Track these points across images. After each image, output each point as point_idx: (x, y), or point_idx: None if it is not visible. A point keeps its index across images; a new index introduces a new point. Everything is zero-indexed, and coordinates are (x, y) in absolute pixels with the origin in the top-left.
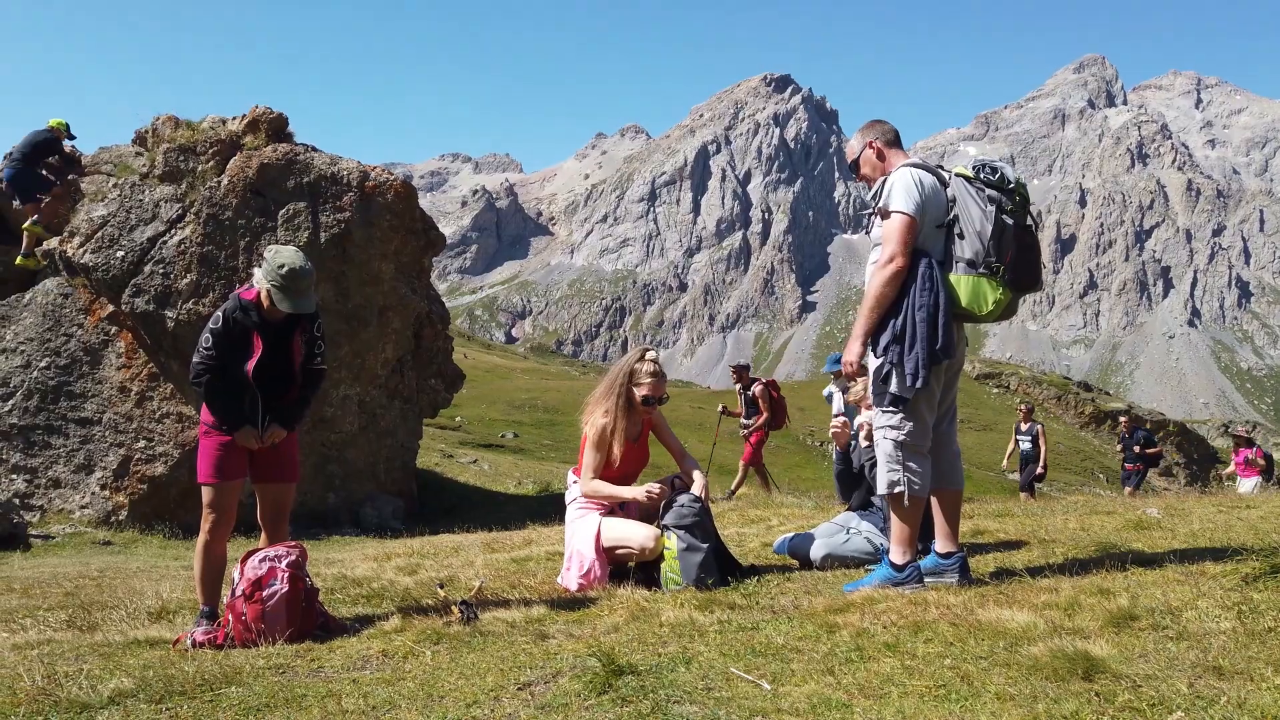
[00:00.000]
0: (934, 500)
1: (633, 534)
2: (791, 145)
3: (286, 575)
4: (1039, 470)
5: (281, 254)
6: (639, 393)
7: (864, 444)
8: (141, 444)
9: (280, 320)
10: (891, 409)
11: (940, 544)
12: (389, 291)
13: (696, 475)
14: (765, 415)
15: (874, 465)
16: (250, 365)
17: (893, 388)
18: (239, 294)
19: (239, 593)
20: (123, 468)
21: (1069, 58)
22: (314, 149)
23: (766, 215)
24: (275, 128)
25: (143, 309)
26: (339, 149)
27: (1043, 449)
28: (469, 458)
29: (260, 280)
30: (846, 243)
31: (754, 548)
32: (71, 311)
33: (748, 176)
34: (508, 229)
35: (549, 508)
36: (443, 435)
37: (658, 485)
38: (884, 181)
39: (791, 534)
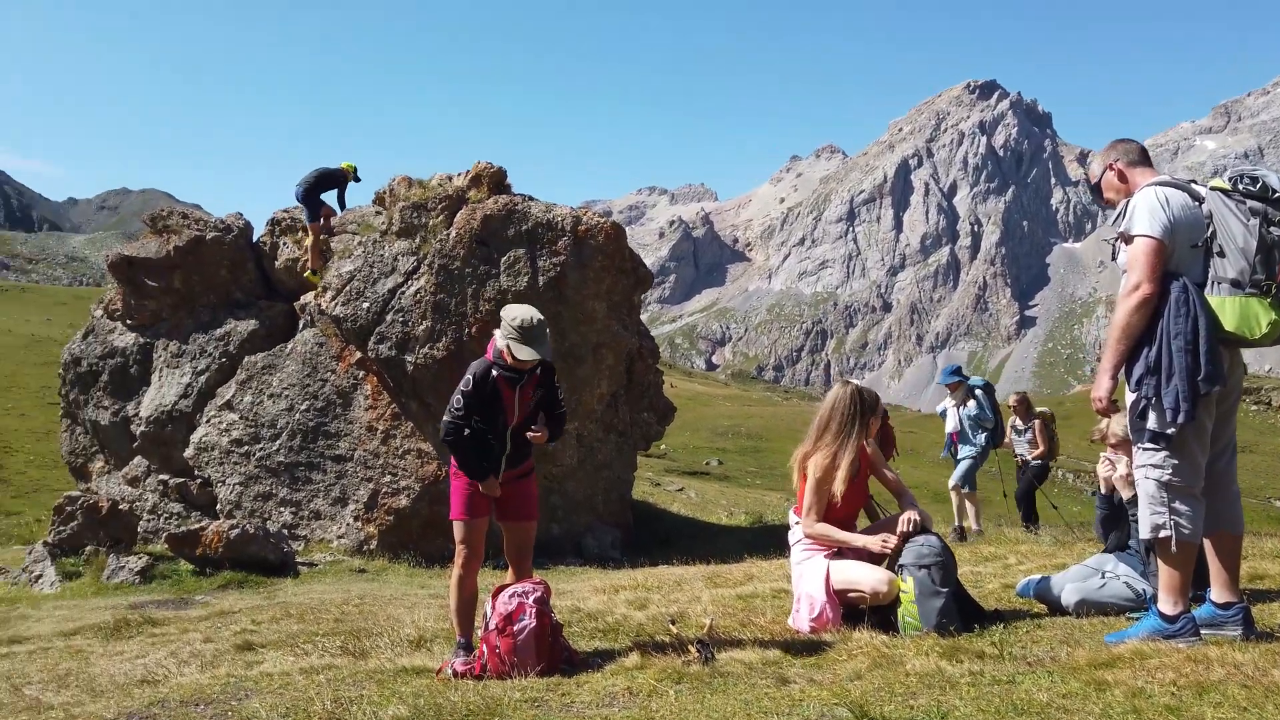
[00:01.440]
0: (1208, 544)
1: (864, 577)
2: (1000, 153)
3: (534, 611)
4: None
5: (514, 310)
6: (878, 416)
7: (1109, 487)
8: (387, 479)
9: (522, 373)
10: (1152, 446)
11: (1218, 593)
12: (602, 329)
13: (903, 520)
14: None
15: (1135, 506)
16: (502, 421)
17: (1151, 424)
18: (483, 359)
19: (492, 626)
20: (372, 500)
21: None
22: (531, 198)
23: (976, 228)
24: (495, 180)
25: (385, 355)
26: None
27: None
28: (676, 485)
29: (499, 339)
30: (1068, 252)
31: (993, 589)
32: (326, 359)
33: (953, 189)
34: (704, 257)
35: (764, 540)
36: (649, 463)
37: (885, 536)
38: (1127, 204)
39: (1037, 576)
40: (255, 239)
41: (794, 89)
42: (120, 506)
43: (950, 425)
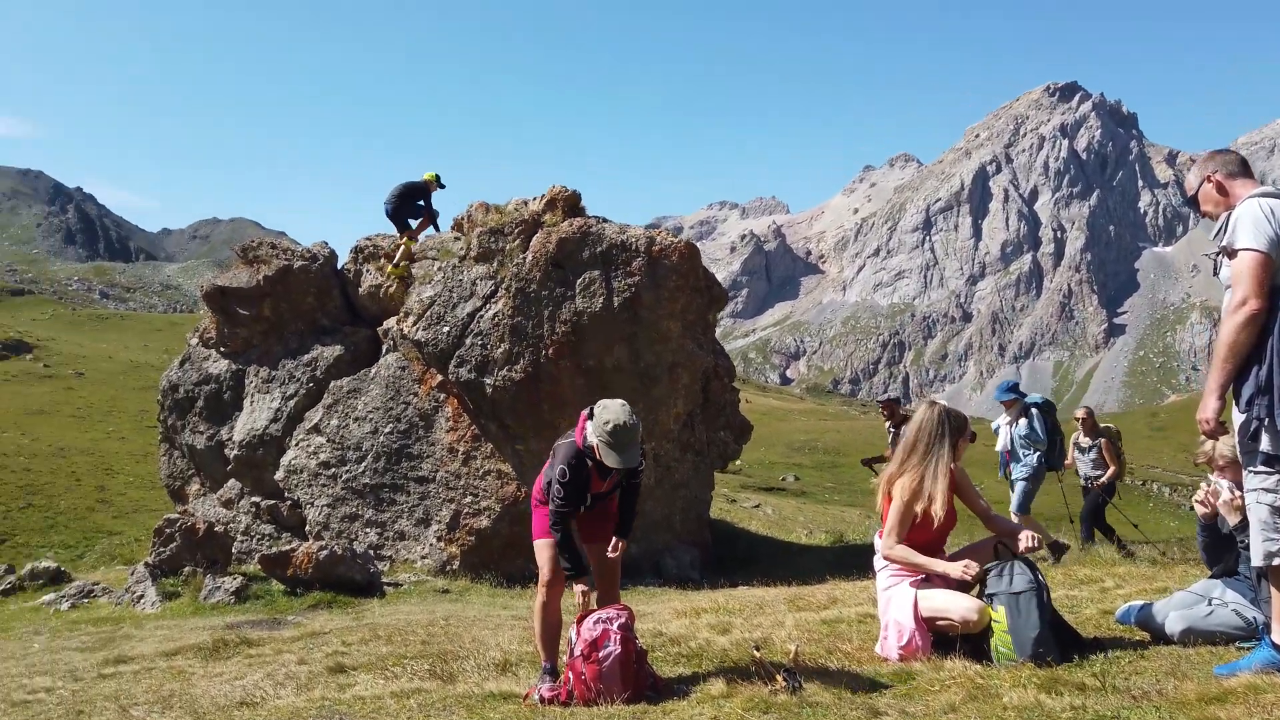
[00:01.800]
0: None
1: (953, 605)
2: (1083, 156)
3: (619, 637)
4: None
5: (609, 410)
6: (966, 437)
7: (1221, 514)
8: (469, 499)
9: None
10: (1265, 469)
11: None
12: (677, 349)
13: (1024, 537)
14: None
15: (1246, 530)
16: (584, 506)
17: (1264, 446)
18: (574, 442)
19: (578, 653)
20: (454, 521)
21: None
22: (605, 220)
23: (1059, 234)
24: (570, 204)
25: (465, 378)
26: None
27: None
28: (752, 501)
29: (591, 435)
30: (1158, 256)
31: (1090, 615)
32: (408, 382)
33: (1034, 194)
34: (777, 270)
35: (847, 561)
36: (724, 479)
37: (967, 562)
38: (1228, 217)
39: (1138, 602)
40: (340, 266)
41: (866, 99)
42: (216, 529)
43: (1001, 443)
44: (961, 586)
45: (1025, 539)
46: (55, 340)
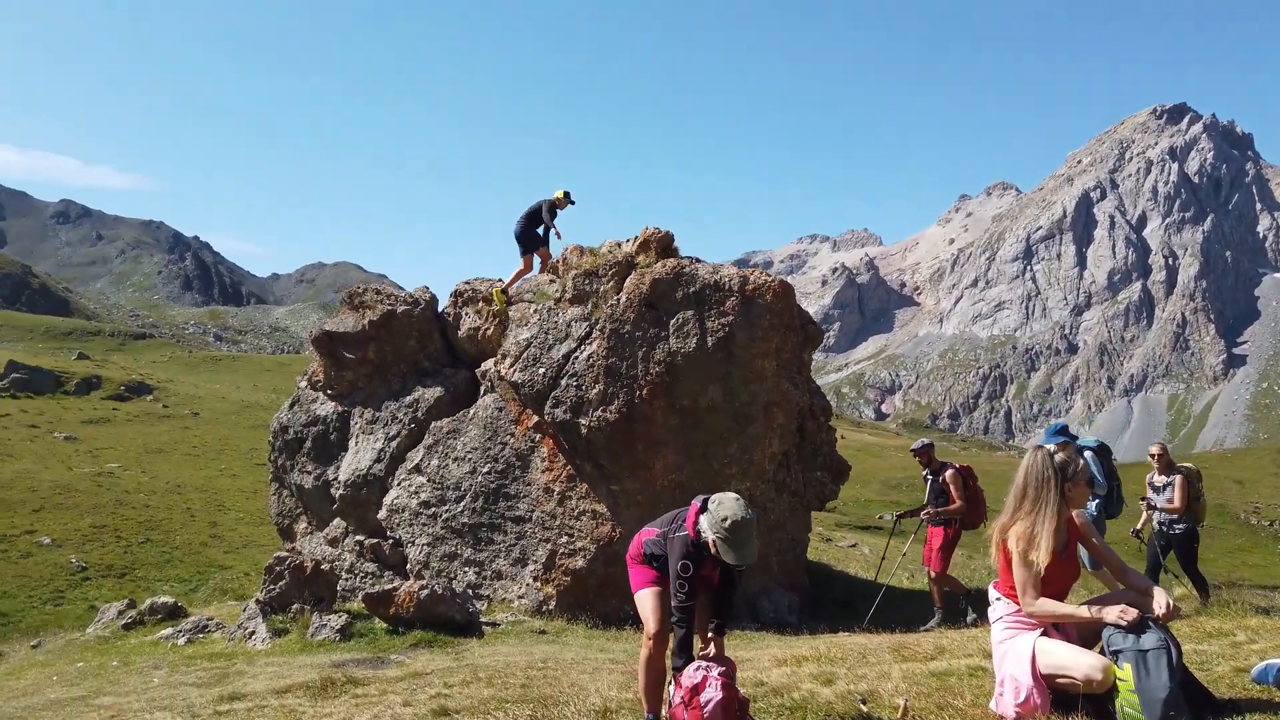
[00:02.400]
0: None
1: (1076, 662)
2: (1195, 180)
3: (720, 684)
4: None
5: (724, 506)
6: (1079, 480)
7: None
8: (564, 539)
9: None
10: None
11: None
12: (772, 388)
13: (1157, 592)
14: (958, 504)
15: None
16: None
17: None
18: (686, 535)
19: (678, 700)
20: (550, 561)
21: None
22: (697, 260)
23: (1170, 260)
24: (663, 245)
25: (561, 418)
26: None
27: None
28: (848, 541)
29: (706, 530)
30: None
31: (1223, 674)
32: (505, 422)
33: (1142, 220)
34: (870, 303)
35: (952, 607)
36: (819, 517)
37: (1124, 607)
38: None
39: (1277, 660)
40: (440, 310)
41: (960, 127)
42: (322, 566)
43: None
44: (1085, 637)
45: (1161, 603)
46: (173, 381)
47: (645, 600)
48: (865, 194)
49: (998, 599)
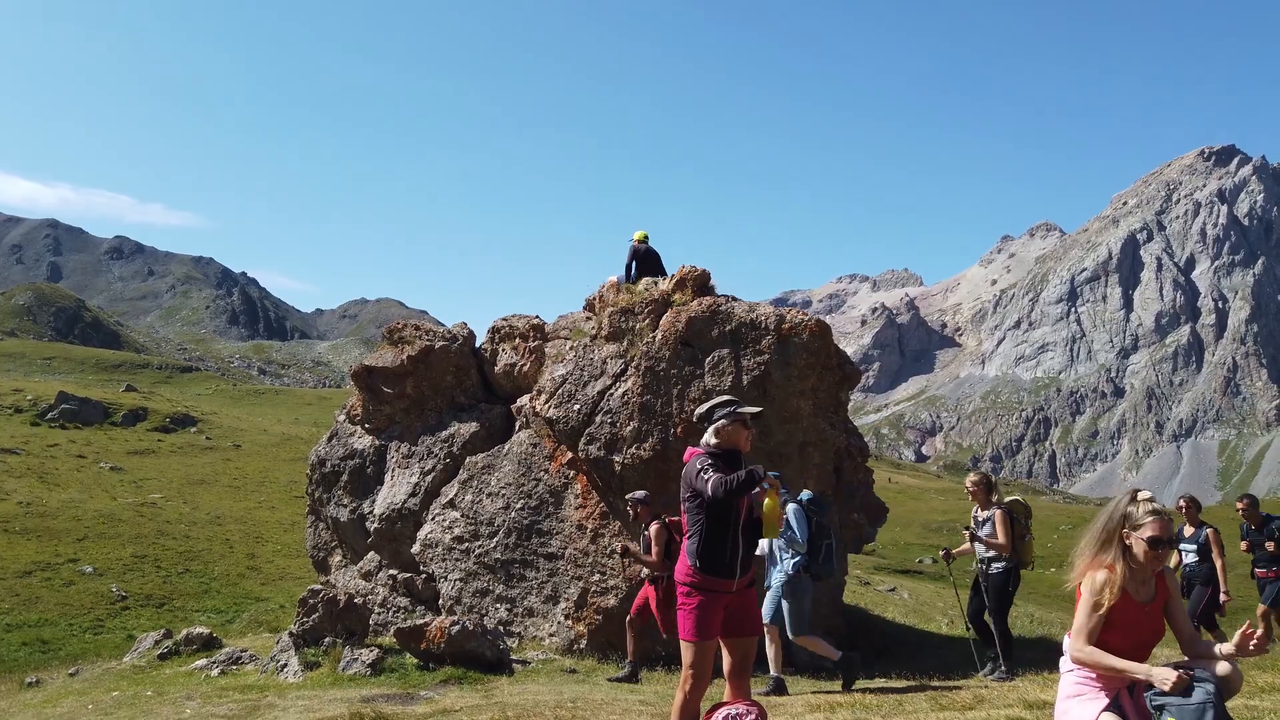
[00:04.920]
0: None
1: None
2: (1245, 222)
3: None
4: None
5: (700, 406)
6: (1141, 535)
7: None
8: (596, 577)
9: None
10: None
11: None
12: (808, 428)
13: (1221, 657)
14: (655, 558)
15: None
16: (734, 519)
17: None
18: (698, 454)
19: None
20: (581, 599)
21: None
22: (734, 299)
23: (1220, 304)
24: (699, 283)
25: (595, 455)
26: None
27: (1218, 563)
28: (887, 585)
29: (710, 435)
30: None
31: None
32: (539, 458)
33: (1190, 263)
34: (910, 344)
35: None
36: (857, 559)
37: (1179, 667)
38: None
39: None
40: (477, 346)
41: (1003, 167)
42: (355, 600)
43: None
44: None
45: (1224, 670)
46: (217, 414)
47: (687, 650)
48: (905, 234)
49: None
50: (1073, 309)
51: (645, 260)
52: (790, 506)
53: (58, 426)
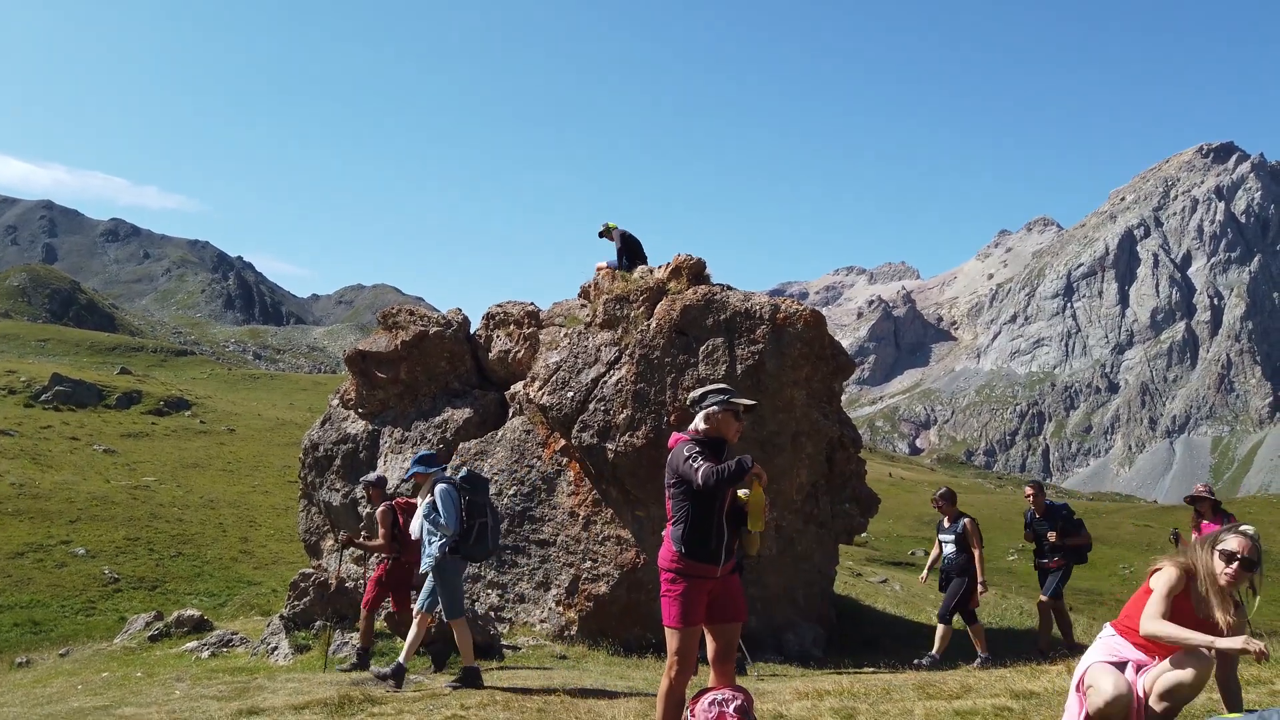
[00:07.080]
0: None
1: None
2: (1242, 219)
3: (737, 717)
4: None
5: (692, 393)
6: (1222, 545)
7: None
8: (588, 564)
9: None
10: None
11: None
12: (801, 418)
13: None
14: (383, 539)
15: None
16: (718, 506)
17: None
18: (684, 440)
19: None
20: (573, 586)
21: None
22: (729, 288)
23: (1216, 301)
24: (695, 272)
25: (588, 442)
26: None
27: (976, 554)
28: (879, 576)
29: (700, 421)
30: None
31: None
32: (532, 445)
33: (1186, 259)
34: (906, 337)
35: (994, 645)
36: (850, 551)
37: (1247, 638)
38: None
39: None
40: (472, 332)
41: (1000, 162)
42: (346, 584)
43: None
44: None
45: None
46: (212, 398)
47: (673, 637)
48: (903, 227)
49: (1111, 635)
50: (1069, 304)
51: (633, 246)
52: (439, 488)
53: (51, 408)
